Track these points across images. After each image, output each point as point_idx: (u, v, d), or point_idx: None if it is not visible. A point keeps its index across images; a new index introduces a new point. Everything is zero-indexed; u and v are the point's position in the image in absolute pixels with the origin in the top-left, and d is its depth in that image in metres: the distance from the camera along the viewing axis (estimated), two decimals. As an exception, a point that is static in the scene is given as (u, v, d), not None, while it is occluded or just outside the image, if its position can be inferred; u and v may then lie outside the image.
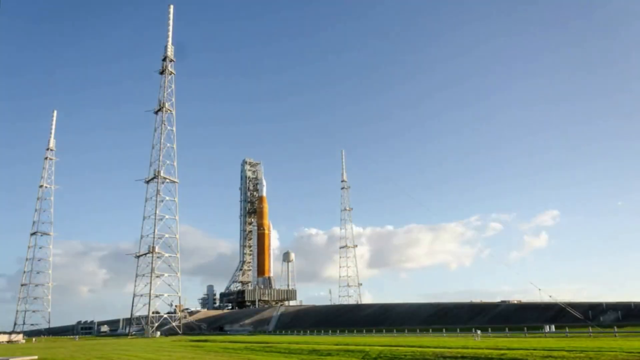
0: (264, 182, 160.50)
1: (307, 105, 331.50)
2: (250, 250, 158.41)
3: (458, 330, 67.74)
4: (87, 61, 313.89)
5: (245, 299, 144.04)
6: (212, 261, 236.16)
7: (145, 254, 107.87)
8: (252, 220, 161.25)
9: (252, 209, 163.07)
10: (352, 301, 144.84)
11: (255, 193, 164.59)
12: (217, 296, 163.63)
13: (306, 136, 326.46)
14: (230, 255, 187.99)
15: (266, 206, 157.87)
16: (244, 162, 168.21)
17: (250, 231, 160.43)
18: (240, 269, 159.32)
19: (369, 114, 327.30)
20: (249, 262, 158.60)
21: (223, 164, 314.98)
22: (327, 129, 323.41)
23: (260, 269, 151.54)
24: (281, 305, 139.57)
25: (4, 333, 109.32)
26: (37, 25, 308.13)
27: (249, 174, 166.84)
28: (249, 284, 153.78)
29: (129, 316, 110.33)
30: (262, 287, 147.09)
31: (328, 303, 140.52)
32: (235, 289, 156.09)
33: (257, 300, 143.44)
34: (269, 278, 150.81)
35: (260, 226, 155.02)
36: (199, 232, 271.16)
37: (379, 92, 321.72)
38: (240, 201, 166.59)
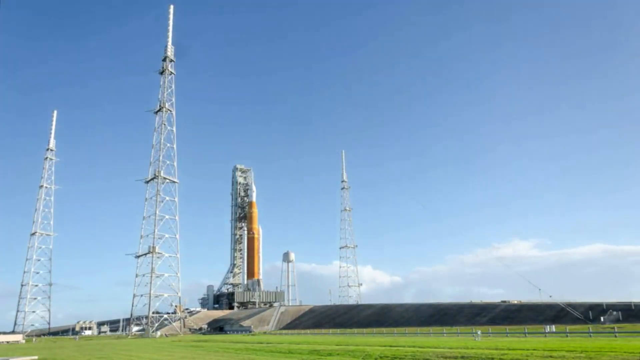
0: (254, 188, 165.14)
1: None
2: (241, 254, 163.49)
3: (458, 330, 67.71)
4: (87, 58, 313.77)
5: (235, 300, 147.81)
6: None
7: (145, 254, 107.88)
8: (243, 224, 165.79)
9: (243, 213, 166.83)
10: (352, 301, 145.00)
11: (245, 198, 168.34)
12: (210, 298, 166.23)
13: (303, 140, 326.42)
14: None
15: (256, 211, 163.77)
16: (235, 169, 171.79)
17: (241, 235, 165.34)
18: (231, 272, 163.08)
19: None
20: (239, 265, 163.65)
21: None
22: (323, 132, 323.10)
23: (250, 272, 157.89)
24: (281, 305, 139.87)
25: (4, 333, 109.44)
26: (38, 21, 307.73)
27: (239, 179, 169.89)
28: (239, 286, 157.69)
29: (129, 316, 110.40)
30: (251, 289, 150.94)
31: (328, 303, 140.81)
32: (227, 290, 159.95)
33: (247, 301, 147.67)
34: (258, 280, 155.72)
35: (250, 230, 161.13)
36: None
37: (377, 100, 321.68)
38: (231, 206, 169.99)
